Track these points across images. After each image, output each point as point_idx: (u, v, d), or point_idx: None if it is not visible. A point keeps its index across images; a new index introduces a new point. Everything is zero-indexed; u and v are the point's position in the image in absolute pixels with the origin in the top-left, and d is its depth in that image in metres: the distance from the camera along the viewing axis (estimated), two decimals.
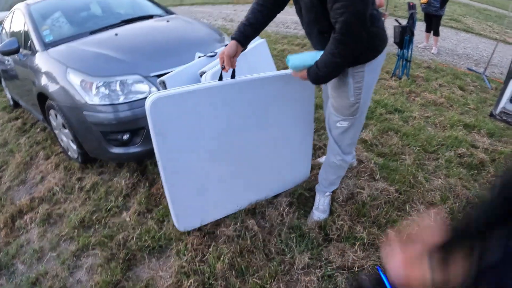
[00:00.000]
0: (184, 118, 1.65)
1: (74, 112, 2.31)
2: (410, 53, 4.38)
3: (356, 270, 1.67)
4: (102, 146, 2.32)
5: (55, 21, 3.20)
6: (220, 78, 1.70)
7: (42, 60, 2.70)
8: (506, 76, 2.92)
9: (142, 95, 2.22)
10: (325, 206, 2.02)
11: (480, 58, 6.16)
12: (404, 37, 4.25)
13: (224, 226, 1.96)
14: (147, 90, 2.23)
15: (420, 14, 5.76)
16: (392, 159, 2.54)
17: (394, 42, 4.46)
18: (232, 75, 1.71)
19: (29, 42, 2.97)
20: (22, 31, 3.21)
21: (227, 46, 1.65)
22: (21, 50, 3.08)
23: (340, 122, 1.76)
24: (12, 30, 3.67)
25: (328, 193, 2.04)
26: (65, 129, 2.59)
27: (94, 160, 2.75)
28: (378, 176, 2.31)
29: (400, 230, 1.87)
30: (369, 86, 1.65)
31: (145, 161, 2.68)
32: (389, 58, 5.42)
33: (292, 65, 1.62)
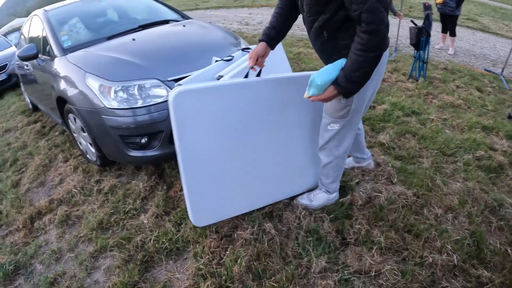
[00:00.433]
0: (206, 112, 1.67)
1: (93, 116, 2.35)
2: (426, 54, 4.33)
3: (373, 274, 1.65)
4: (120, 149, 2.35)
5: (73, 26, 3.27)
6: (246, 76, 1.73)
7: (61, 65, 2.76)
8: None
9: (160, 99, 2.25)
10: (316, 199, 2.05)
11: (497, 58, 6.04)
12: (420, 38, 4.20)
13: (241, 229, 1.96)
14: (165, 94, 2.25)
15: (436, 15, 5.69)
16: (409, 162, 2.51)
17: (411, 44, 4.41)
18: (257, 75, 1.76)
19: (47, 48, 3.04)
20: (41, 37, 3.30)
21: (257, 46, 1.74)
22: (39, 56, 3.16)
23: (331, 125, 1.77)
24: (30, 36, 3.77)
25: (324, 189, 2.04)
26: (83, 132, 2.64)
27: (113, 163, 2.79)
28: (395, 179, 2.29)
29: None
30: (363, 89, 1.57)
31: (162, 164, 2.70)
32: (405, 60, 5.38)
33: (321, 82, 1.49)
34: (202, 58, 2.39)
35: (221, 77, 1.92)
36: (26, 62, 3.70)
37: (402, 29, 6.49)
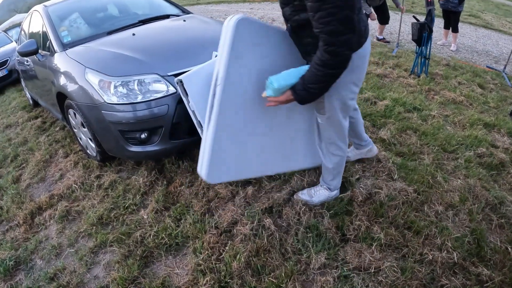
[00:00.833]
0: (258, 53, 1.59)
1: (93, 111, 2.35)
2: (428, 50, 4.30)
3: (372, 271, 1.65)
4: (120, 145, 2.35)
5: (73, 22, 3.26)
6: None
7: (61, 60, 2.76)
8: None
9: (159, 94, 2.23)
10: (317, 195, 2.05)
11: (500, 55, 6.00)
12: (422, 34, 4.18)
13: (241, 224, 1.96)
14: (165, 89, 2.24)
15: (438, 11, 5.65)
16: (410, 159, 2.50)
17: (413, 40, 4.39)
18: None
19: (47, 43, 3.04)
20: (41, 32, 3.29)
21: None
22: (39, 51, 3.15)
23: (318, 117, 1.78)
24: (31, 32, 3.76)
25: (325, 186, 2.04)
26: (84, 128, 2.63)
27: (113, 158, 2.79)
28: (396, 176, 2.28)
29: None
30: (335, 87, 1.51)
31: (163, 159, 2.70)
32: (407, 56, 5.34)
33: (279, 86, 1.48)
34: (202, 53, 2.37)
35: None
36: (26, 58, 3.69)
37: (404, 24, 6.45)
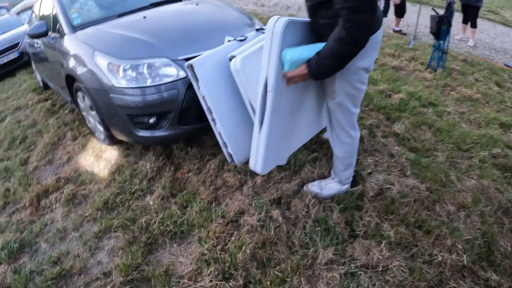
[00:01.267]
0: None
1: (101, 94, 2.31)
2: (446, 44, 4.18)
3: (380, 270, 1.61)
4: (128, 129, 2.31)
5: (83, 4, 3.22)
6: None
7: (70, 42, 2.72)
8: None
9: (169, 79, 2.18)
10: (327, 188, 2.02)
11: None
12: (441, 27, 4.05)
13: (248, 215, 1.92)
14: (175, 73, 2.19)
15: (457, 4, 5.49)
16: (424, 155, 2.43)
17: (431, 33, 4.27)
18: None
19: (57, 25, 2.99)
20: (51, 14, 3.24)
21: None
22: (49, 33, 3.11)
23: (328, 101, 1.77)
24: (41, 14, 3.72)
25: (336, 179, 2.00)
26: (92, 111, 2.61)
27: (121, 142, 2.75)
28: (409, 172, 2.22)
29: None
30: (346, 71, 1.52)
31: (171, 145, 2.66)
32: (424, 49, 5.21)
33: (291, 59, 1.48)
34: (214, 38, 2.30)
35: (233, 57, 1.85)
36: (36, 40, 3.66)
37: (422, 17, 6.27)
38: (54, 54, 3.07)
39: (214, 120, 1.99)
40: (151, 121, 2.24)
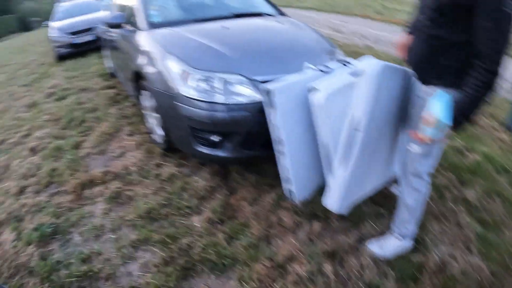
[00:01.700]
0: (390, 94, 1.66)
1: (166, 99, 2.25)
2: None
3: None
4: (188, 141, 2.22)
5: (165, 2, 3.23)
6: None
7: (144, 39, 2.71)
8: None
9: (243, 99, 2.05)
10: (386, 245, 1.83)
11: None
12: None
13: (297, 262, 1.74)
14: (248, 94, 2.06)
15: None
16: (492, 230, 2.12)
17: None
18: None
19: (134, 19, 3.01)
20: (131, 7, 3.27)
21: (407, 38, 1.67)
22: (125, 25, 3.15)
23: (415, 146, 1.64)
24: (120, 3, 3.80)
25: (396, 233, 1.81)
26: (154, 113, 2.56)
27: (177, 150, 2.64)
28: (474, 248, 1.93)
29: None
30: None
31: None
32: (501, 105, 4.74)
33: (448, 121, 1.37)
34: (293, 61, 2.17)
35: (314, 89, 1.70)
36: (112, 29, 3.75)
37: (505, 67, 5.78)
38: (127, 47, 3.10)
39: (283, 153, 1.84)
40: (214, 139, 2.11)
